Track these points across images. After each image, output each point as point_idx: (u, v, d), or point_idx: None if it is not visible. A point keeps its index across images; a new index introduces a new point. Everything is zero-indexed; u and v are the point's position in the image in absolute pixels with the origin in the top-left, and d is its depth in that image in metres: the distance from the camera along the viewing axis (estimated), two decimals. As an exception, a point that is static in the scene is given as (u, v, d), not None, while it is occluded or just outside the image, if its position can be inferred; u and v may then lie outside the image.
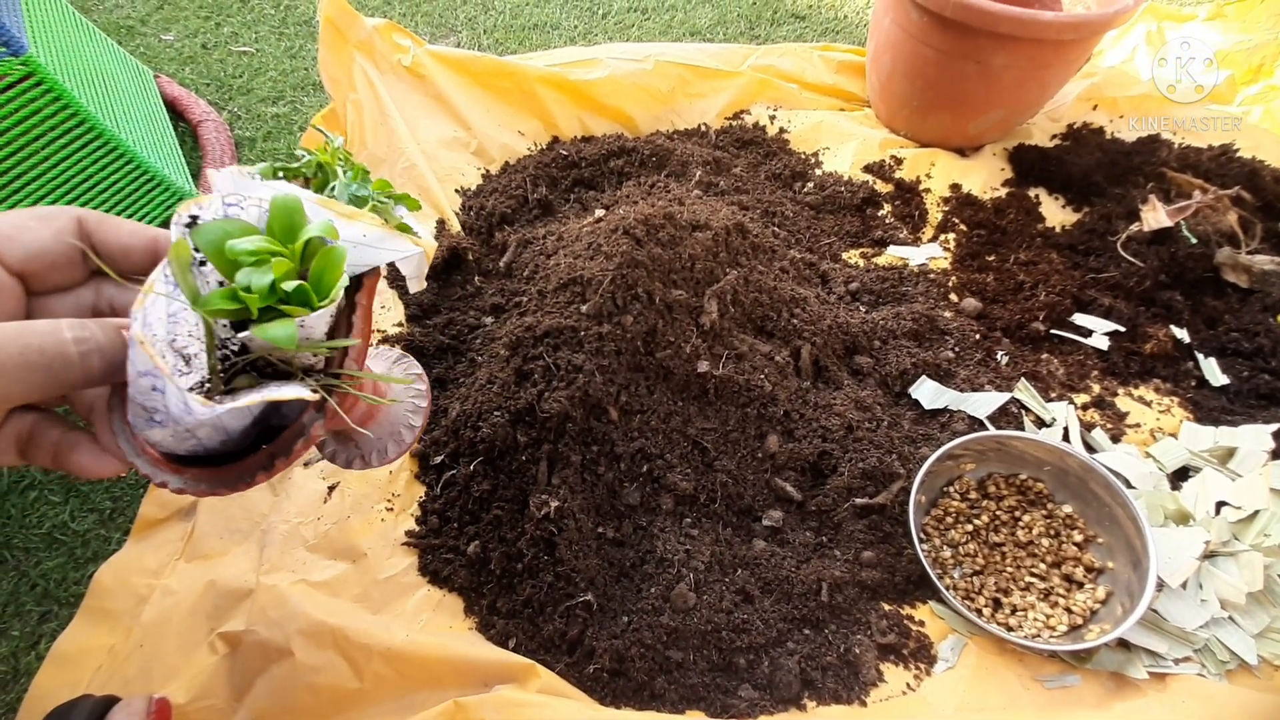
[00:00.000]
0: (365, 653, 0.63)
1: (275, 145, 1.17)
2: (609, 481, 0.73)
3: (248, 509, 0.75)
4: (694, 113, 1.23)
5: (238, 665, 0.64)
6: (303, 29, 1.41)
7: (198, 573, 0.71)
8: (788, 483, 0.77)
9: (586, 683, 0.64)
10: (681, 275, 0.80)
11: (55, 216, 0.31)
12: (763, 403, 0.79)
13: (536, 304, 0.80)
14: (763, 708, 0.64)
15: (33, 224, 0.30)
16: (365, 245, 0.32)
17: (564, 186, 1.07)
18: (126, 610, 0.69)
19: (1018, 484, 0.78)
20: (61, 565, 0.74)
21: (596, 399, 0.73)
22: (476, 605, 0.70)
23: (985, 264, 1.02)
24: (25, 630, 0.70)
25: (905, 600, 0.72)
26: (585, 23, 1.48)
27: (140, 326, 0.26)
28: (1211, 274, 0.96)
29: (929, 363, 0.86)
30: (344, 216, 0.31)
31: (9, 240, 0.30)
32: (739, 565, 0.71)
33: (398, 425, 0.47)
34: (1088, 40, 1.03)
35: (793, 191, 1.12)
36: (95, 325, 0.28)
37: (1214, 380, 0.88)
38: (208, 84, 1.28)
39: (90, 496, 0.78)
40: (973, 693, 0.65)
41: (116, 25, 1.37)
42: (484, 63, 1.16)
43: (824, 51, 1.34)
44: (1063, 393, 0.87)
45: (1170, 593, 0.68)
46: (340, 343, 0.32)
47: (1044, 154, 1.16)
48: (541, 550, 0.69)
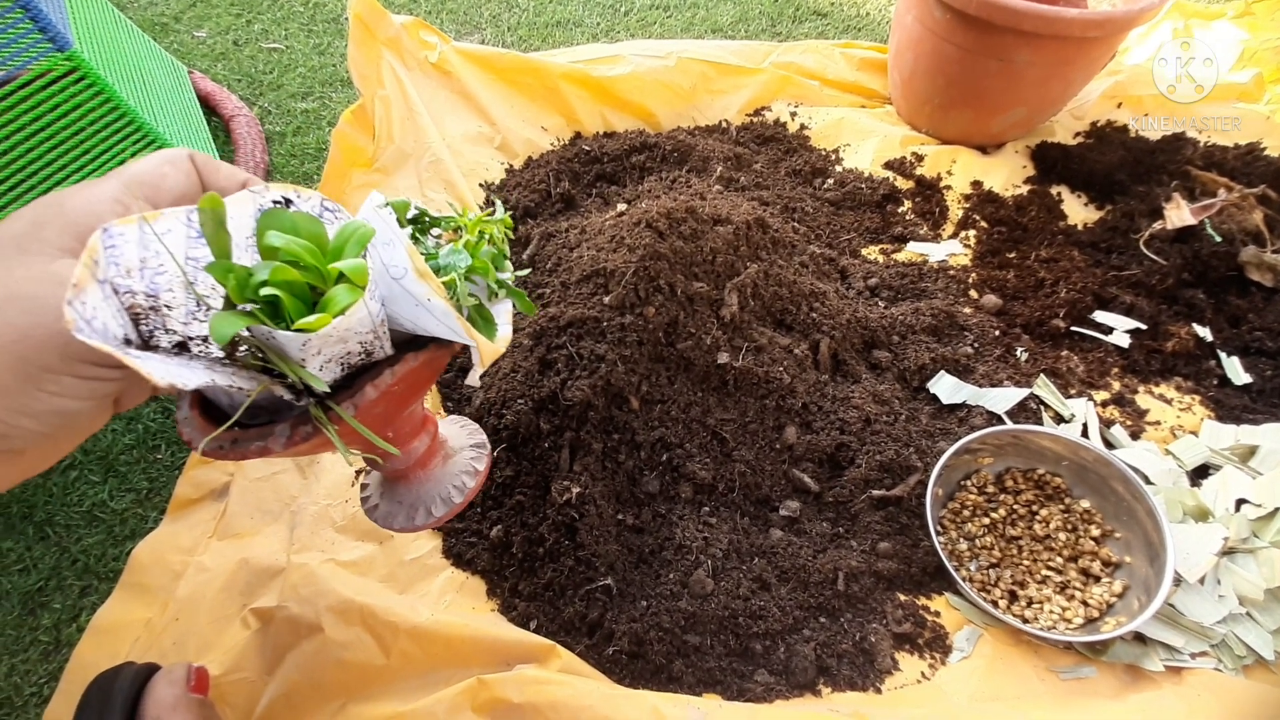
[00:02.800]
0: (392, 630, 0.65)
1: (305, 140, 1.20)
2: (629, 469, 0.74)
3: (278, 491, 0.78)
4: (715, 109, 1.24)
5: (269, 640, 0.67)
6: (331, 26, 1.44)
7: (230, 551, 0.73)
8: (805, 474, 0.78)
9: (605, 664, 0.66)
10: (702, 268, 0.81)
11: (179, 159, 0.32)
12: (781, 395, 0.80)
13: (560, 295, 0.81)
14: (778, 692, 0.65)
15: (168, 169, 0.32)
16: (426, 311, 0.31)
17: (586, 181, 1.09)
18: (162, 586, 0.72)
19: (1035, 479, 0.78)
20: (101, 542, 0.77)
21: (618, 388, 0.74)
22: (499, 588, 0.71)
23: (1006, 261, 1.02)
24: (66, 603, 0.73)
25: (921, 591, 0.73)
26: (608, 20, 1.49)
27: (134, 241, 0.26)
28: (1235, 273, 0.96)
29: (948, 358, 0.87)
30: (418, 273, 0.30)
31: (156, 188, 0.31)
32: (756, 554, 0.72)
33: (448, 485, 0.45)
34: (1112, 38, 1.02)
35: (813, 187, 1.12)
36: None
37: (1236, 379, 0.88)
38: (239, 80, 1.31)
39: (128, 477, 0.81)
40: (988, 682, 0.65)
41: (151, 22, 1.41)
42: (508, 59, 1.17)
43: (845, 49, 1.34)
44: (1082, 389, 0.87)
45: (1188, 588, 0.68)
46: (308, 375, 0.29)
47: (1067, 152, 1.16)
48: (563, 535, 0.70)
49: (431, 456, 0.44)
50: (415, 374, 0.34)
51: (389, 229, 0.30)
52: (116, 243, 0.26)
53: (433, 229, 0.37)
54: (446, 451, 0.46)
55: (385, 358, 0.33)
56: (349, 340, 0.30)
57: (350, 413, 0.31)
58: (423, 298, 0.30)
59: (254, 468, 0.79)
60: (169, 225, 0.28)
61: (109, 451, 0.83)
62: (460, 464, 0.46)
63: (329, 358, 0.30)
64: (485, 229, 0.38)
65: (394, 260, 0.30)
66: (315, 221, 0.30)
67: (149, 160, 0.32)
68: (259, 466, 0.79)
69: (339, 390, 0.31)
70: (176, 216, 0.28)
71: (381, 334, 0.32)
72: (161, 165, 0.32)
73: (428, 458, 0.44)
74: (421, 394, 0.38)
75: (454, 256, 0.35)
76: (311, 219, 0.30)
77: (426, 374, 0.35)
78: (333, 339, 0.29)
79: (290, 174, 1.15)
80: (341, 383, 0.32)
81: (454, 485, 0.45)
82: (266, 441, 0.30)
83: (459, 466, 0.46)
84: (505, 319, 0.37)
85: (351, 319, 0.28)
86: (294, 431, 0.30)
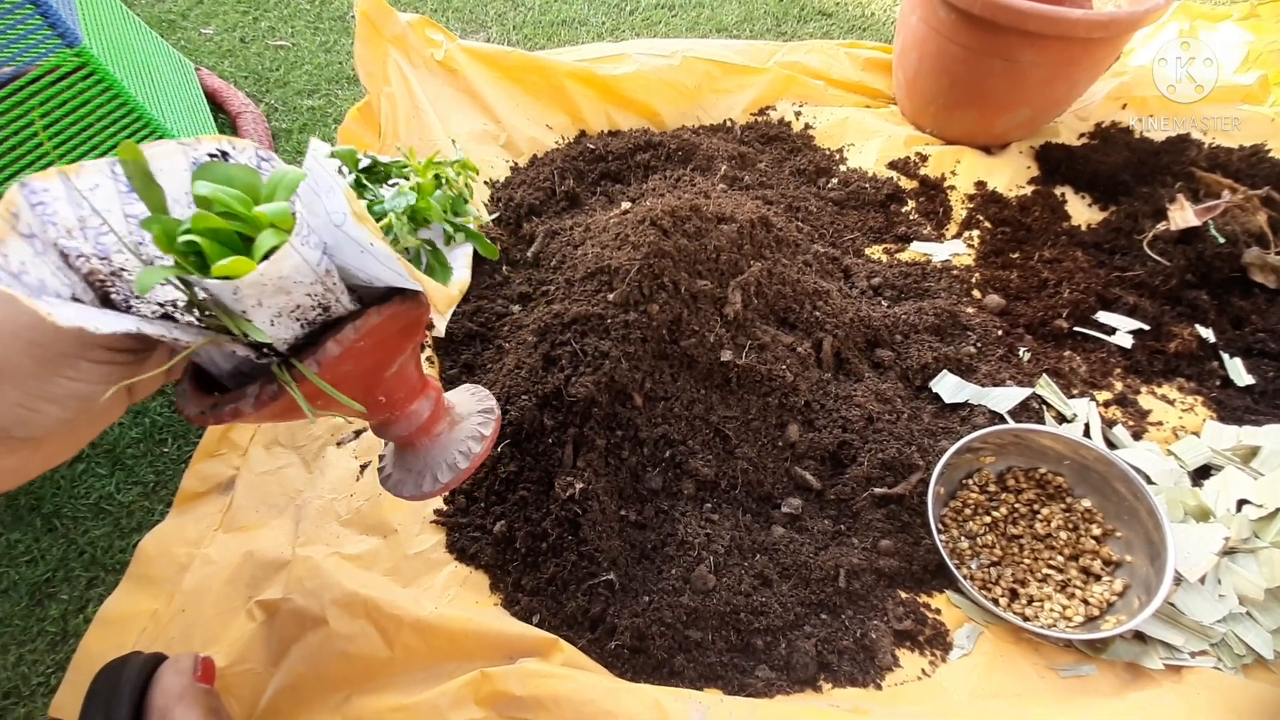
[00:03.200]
0: (396, 624, 0.65)
1: (311, 136, 1.20)
2: (632, 465, 0.75)
3: (283, 485, 0.78)
4: (720, 108, 1.24)
5: (274, 632, 0.67)
6: (337, 24, 1.44)
7: (236, 544, 0.74)
8: (807, 471, 0.78)
9: (607, 659, 0.66)
10: (706, 266, 0.81)
11: None
12: (784, 392, 0.80)
13: (564, 292, 0.82)
14: (779, 688, 0.65)
15: None
16: (371, 257, 0.30)
17: (591, 180, 1.09)
18: (169, 577, 0.72)
19: (1037, 478, 0.78)
20: (108, 534, 0.77)
21: (622, 385, 0.74)
22: (502, 582, 0.72)
23: (1009, 261, 1.03)
24: (74, 594, 0.74)
25: (922, 589, 0.73)
26: (613, 19, 1.49)
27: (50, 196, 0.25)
28: (1239, 274, 0.96)
29: (950, 357, 0.87)
30: (356, 216, 0.29)
31: None
32: (758, 550, 0.73)
33: (454, 451, 0.44)
34: (1117, 39, 1.02)
35: (817, 187, 1.13)
36: None
37: (1239, 380, 0.88)
38: (246, 77, 1.31)
39: (135, 470, 0.82)
40: (988, 680, 0.66)
41: (159, 19, 1.42)
42: (514, 58, 1.18)
43: (850, 49, 1.34)
44: (1085, 390, 0.87)
45: (1188, 587, 0.69)
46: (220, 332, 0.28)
47: (1071, 152, 1.16)
48: (566, 530, 0.71)
49: (436, 422, 0.44)
50: (383, 329, 0.32)
51: (328, 176, 0.29)
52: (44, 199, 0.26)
53: (390, 178, 0.36)
54: (453, 417, 0.45)
55: (348, 313, 0.32)
56: (292, 291, 0.29)
57: (314, 369, 0.30)
58: (365, 242, 0.29)
59: (259, 461, 0.79)
60: (94, 180, 0.27)
61: (116, 445, 0.83)
62: (467, 429, 0.45)
63: (277, 311, 0.29)
64: (439, 171, 0.36)
65: (335, 207, 0.29)
66: (251, 172, 0.29)
67: None
68: (264, 460, 0.79)
69: (303, 349, 0.31)
70: (100, 170, 0.27)
71: (331, 285, 0.31)
72: None
73: (432, 423, 0.43)
74: (400, 352, 0.37)
75: (397, 199, 0.34)
76: (247, 169, 0.29)
77: (397, 329, 0.34)
78: (269, 288, 0.28)
79: (296, 170, 1.15)
80: (305, 341, 0.31)
81: (459, 451, 0.44)
82: (238, 404, 0.30)
83: (465, 432, 0.45)
84: (463, 263, 0.36)
85: (282, 265, 0.27)
86: (261, 391, 0.30)
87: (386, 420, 0.42)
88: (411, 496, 0.45)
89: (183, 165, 0.29)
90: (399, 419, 0.42)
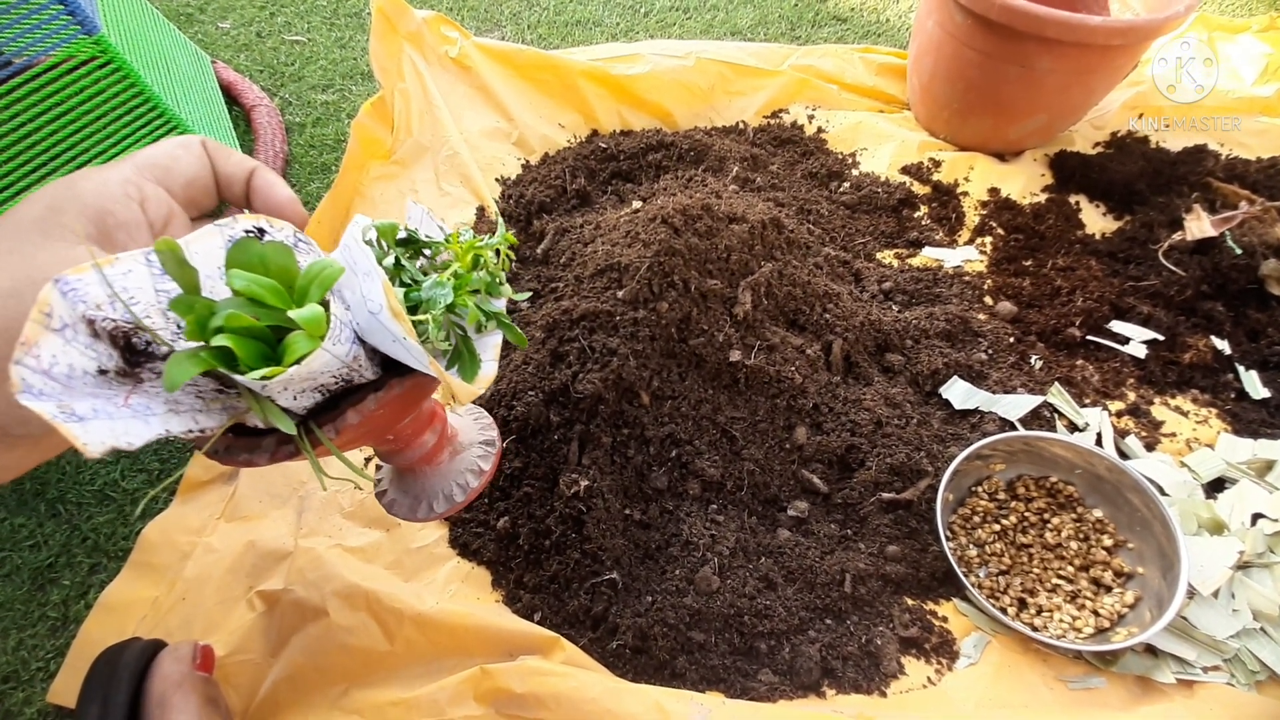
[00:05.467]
0: (397, 617, 0.65)
1: (324, 131, 1.20)
2: (638, 464, 0.74)
3: (287, 475, 0.78)
4: (733, 110, 1.24)
5: (274, 622, 0.67)
6: (353, 20, 1.45)
7: (238, 533, 0.73)
8: (814, 474, 0.77)
9: (609, 658, 0.66)
10: (717, 265, 0.81)
11: (191, 144, 0.33)
12: (792, 394, 0.79)
13: (573, 289, 0.81)
14: (782, 692, 0.64)
15: (180, 153, 0.32)
16: (401, 348, 0.31)
17: (602, 178, 1.09)
18: (170, 565, 0.72)
19: (1048, 486, 0.77)
20: (111, 521, 0.77)
21: (629, 383, 0.74)
22: (504, 579, 0.71)
23: (1022, 268, 1.02)
24: (75, 580, 0.74)
25: (929, 596, 0.72)
26: (627, 20, 1.49)
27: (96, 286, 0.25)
28: (1255, 286, 0.95)
29: (961, 363, 0.86)
30: (392, 312, 0.29)
31: (168, 171, 0.31)
32: (763, 553, 0.72)
33: (452, 482, 0.46)
34: (1135, 46, 1.02)
35: (829, 190, 1.12)
36: None
37: (1255, 393, 0.86)
38: (261, 70, 1.32)
39: (140, 457, 0.82)
40: (995, 690, 0.65)
41: (176, 12, 1.42)
42: (528, 56, 1.18)
43: (865, 53, 1.34)
44: (1097, 399, 0.86)
45: (1201, 601, 0.67)
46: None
47: (1086, 161, 1.15)
48: (569, 528, 0.70)
49: (439, 451, 0.45)
50: (402, 398, 0.33)
51: (368, 261, 0.30)
52: (76, 288, 0.25)
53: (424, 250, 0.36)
54: (455, 447, 0.46)
55: (369, 381, 0.32)
56: (318, 378, 0.30)
57: (331, 436, 0.31)
58: (398, 334, 0.30)
59: (264, 452, 0.79)
60: (128, 266, 0.27)
61: (122, 432, 0.83)
62: (467, 461, 0.46)
63: (301, 390, 0.30)
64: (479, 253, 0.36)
65: (372, 294, 0.29)
66: (286, 253, 0.29)
67: (162, 145, 0.33)
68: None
69: (322, 412, 0.31)
70: (134, 259, 0.27)
71: (357, 367, 0.31)
72: (174, 149, 0.32)
73: (435, 452, 0.45)
74: (416, 408, 0.38)
75: (436, 290, 0.33)
76: (282, 249, 0.29)
77: (416, 395, 0.34)
78: (296, 381, 0.28)
79: (309, 164, 1.15)
80: (326, 404, 0.32)
81: (458, 483, 0.45)
82: (252, 455, 0.31)
83: (465, 464, 0.46)
84: (491, 354, 0.36)
85: (312, 366, 0.28)
86: (277, 449, 0.31)
87: (392, 450, 0.43)
88: (407, 519, 0.46)
89: (219, 244, 0.29)
90: (404, 450, 0.43)
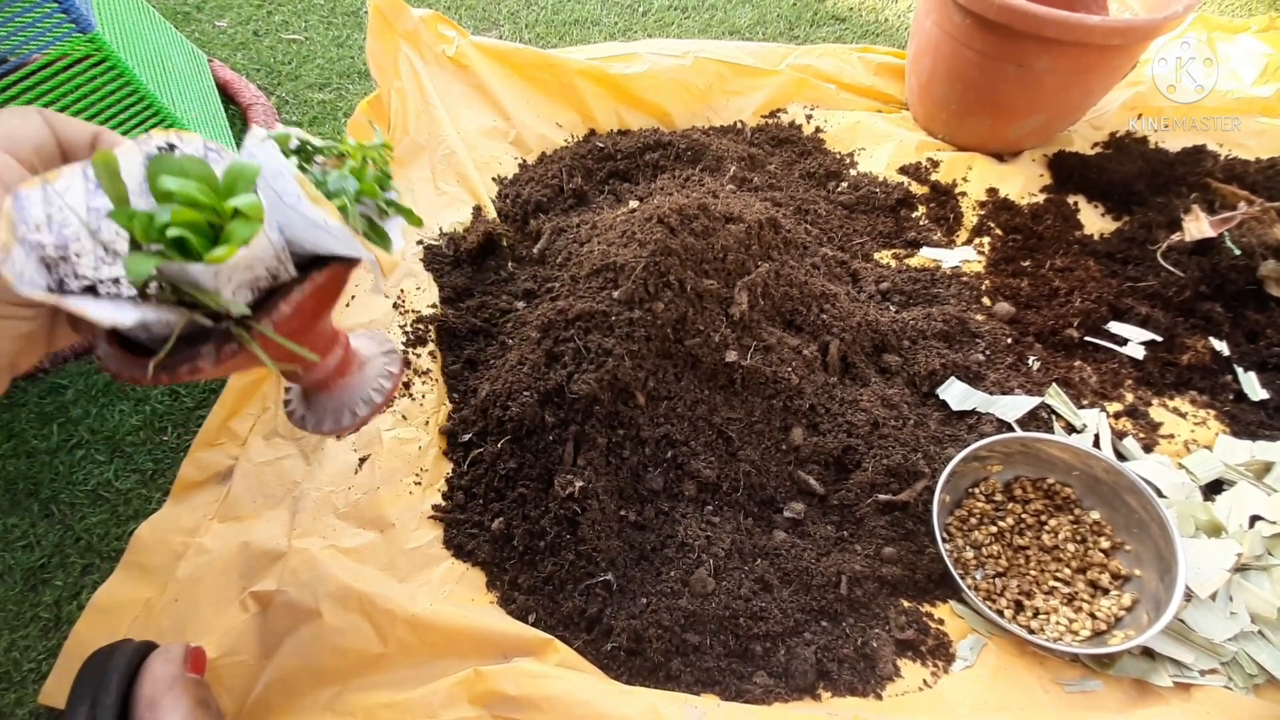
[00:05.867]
0: (390, 619, 0.64)
1: (321, 129, 1.20)
2: (633, 465, 0.74)
3: (281, 476, 0.78)
4: (731, 110, 1.23)
5: (267, 624, 0.67)
6: (350, 19, 1.44)
7: (231, 534, 0.73)
8: (811, 476, 0.77)
9: (603, 660, 0.65)
10: (713, 265, 0.81)
11: (30, 114, 0.34)
12: (789, 395, 0.79)
13: (569, 288, 0.81)
14: (777, 695, 0.64)
15: (18, 122, 0.33)
16: (324, 232, 0.34)
17: (599, 178, 1.09)
18: (163, 566, 0.72)
19: (1045, 488, 0.77)
20: (104, 521, 0.77)
21: (625, 383, 0.73)
22: (498, 580, 0.71)
23: (1020, 269, 1.01)
24: (68, 581, 0.73)
25: (925, 598, 0.72)
26: (625, 20, 1.49)
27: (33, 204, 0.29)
28: (1254, 287, 0.94)
29: (958, 364, 0.86)
30: (311, 199, 0.33)
31: (13, 140, 0.32)
32: (759, 554, 0.71)
33: (367, 389, 0.49)
34: (1134, 46, 1.01)
35: (826, 190, 1.12)
36: None
37: (1253, 394, 0.86)
38: (257, 69, 1.32)
39: (134, 457, 0.81)
40: (991, 693, 0.64)
41: (173, 11, 1.42)
42: (525, 55, 1.18)
43: (863, 53, 1.33)
44: (1095, 400, 0.86)
45: (1199, 603, 0.67)
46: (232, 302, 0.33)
47: (1084, 161, 1.15)
48: (564, 529, 0.70)
49: (348, 365, 0.49)
50: (322, 290, 0.37)
51: (276, 161, 0.33)
52: (24, 204, 0.29)
53: (316, 156, 0.40)
54: (360, 360, 0.51)
55: (291, 279, 0.36)
56: (255, 267, 0.33)
57: (269, 328, 0.34)
58: (320, 221, 0.33)
59: (258, 452, 0.78)
60: (68, 183, 0.31)
61: (116, 432, 0.83)
62: (376, 368, 0.50)
63: (238, 284, 0.33)
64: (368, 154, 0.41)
65: (286, 189, 0.33)
66: (202, 164, 0.32)
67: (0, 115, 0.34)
68: (263, 451, 0.79)
69: (254, 311, 0.35)
70: (73, 173, 0.31)
71: (283, 258, 0.35)
72: (12, 119, 0.33)
73: (344, 366, 0.48)
74: (329, 309, 0.42)
75: (343, 181, 0.38)
76: (198, 161, 0.32)
77: (332, 290, 0.39)
78: (240, 267, 0.32)
79: (305, 163, 1.15)
80: (254, 305, 0.35)
81: (373, 389, 0.49)
82: (196, 361, 0.33)
83: (375, 371, 0.50)
84: (398, 233, 0.41)
85: (255, 248, 0.31)
86: (220, 350, 0.33)
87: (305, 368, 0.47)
88: (330, 432, 0.49)
89: (138, 160, 0.33)
90: (319, 365, 0.47)
